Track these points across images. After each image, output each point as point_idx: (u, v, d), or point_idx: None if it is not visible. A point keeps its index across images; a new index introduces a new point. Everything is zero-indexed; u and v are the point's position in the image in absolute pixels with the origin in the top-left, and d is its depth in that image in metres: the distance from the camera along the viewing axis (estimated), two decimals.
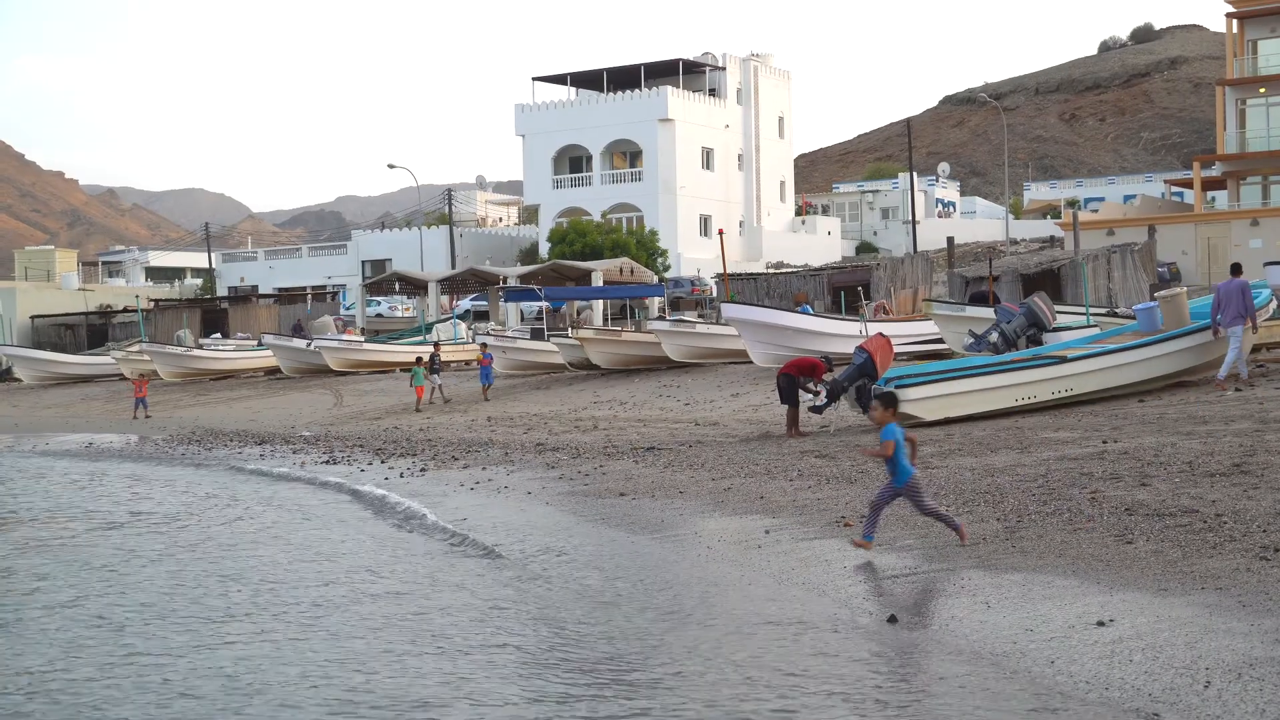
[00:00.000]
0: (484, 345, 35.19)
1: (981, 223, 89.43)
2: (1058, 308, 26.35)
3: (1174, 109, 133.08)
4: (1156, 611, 8.18)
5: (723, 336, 33.69)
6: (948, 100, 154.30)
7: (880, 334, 21.47)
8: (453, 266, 67.35)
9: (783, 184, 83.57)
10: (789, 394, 20.23)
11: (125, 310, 67.70)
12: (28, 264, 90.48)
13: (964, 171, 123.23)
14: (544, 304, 47.96)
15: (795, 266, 64.49)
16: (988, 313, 27.24)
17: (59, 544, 15.00)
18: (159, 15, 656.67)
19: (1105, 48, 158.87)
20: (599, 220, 69.72)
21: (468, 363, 44.20)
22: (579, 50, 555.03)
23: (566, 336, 36.56)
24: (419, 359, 33.76)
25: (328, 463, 22.53)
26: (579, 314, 52.89)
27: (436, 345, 36.61)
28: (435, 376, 33.30)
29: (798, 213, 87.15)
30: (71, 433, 33.85)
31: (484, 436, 24.83)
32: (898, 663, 8.08)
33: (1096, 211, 65.93)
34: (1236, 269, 20.62)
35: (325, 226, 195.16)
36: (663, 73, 76.37)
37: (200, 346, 49.98)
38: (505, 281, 51.55)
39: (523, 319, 52.88)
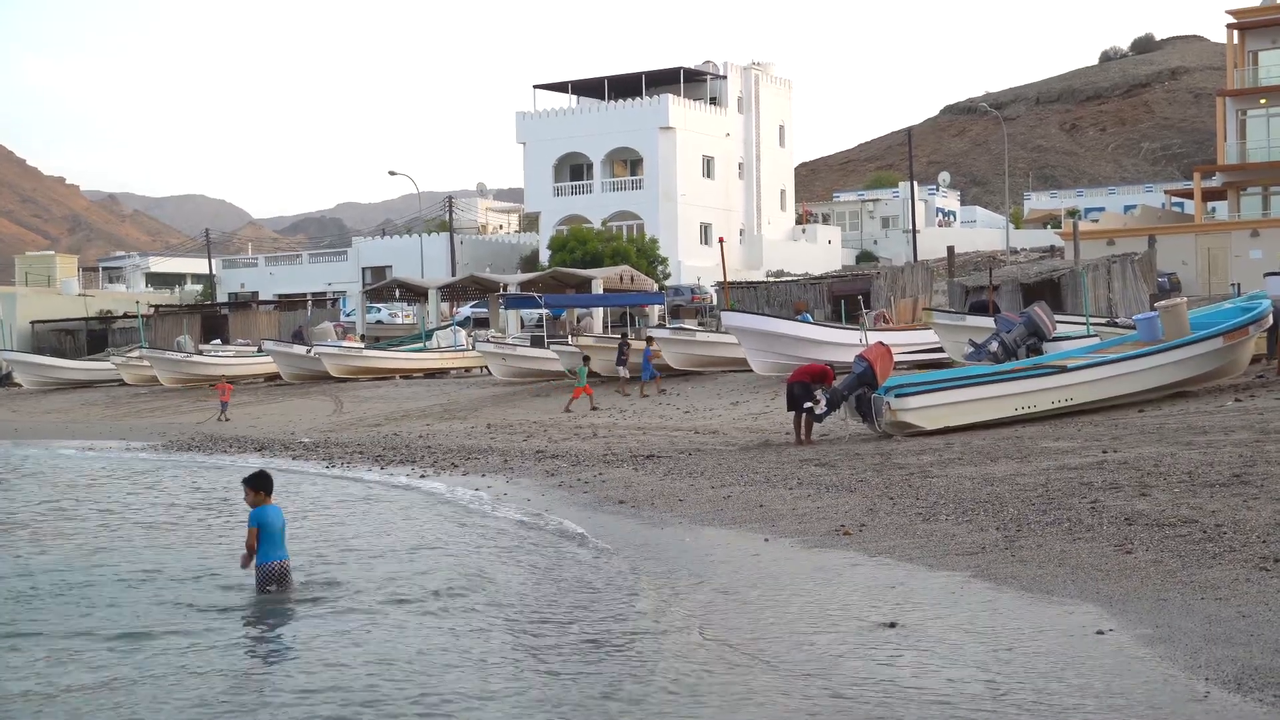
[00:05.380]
0: (650, 339, 34.22)
1: (982, 232, 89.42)
2: (1058, 317, 26.41)
3: (1174, 119, 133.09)
4: (1155, 621, 8.19)
5: (723, 345, 33.70)
6: (949, 110, 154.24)
7: (880, 343, 21.51)
8: (453, 273, 67.33)
9: (783, 192, 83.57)
10: (802, 402, 20.09)
11: (125, 316, 67.72)
12: (28, 269, 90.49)
13: (964, 181, 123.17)
14: (544, 311, 47.96)
15: (795, 275, 64.40)
16: (988, 322, 27.28)
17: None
18: (161, 21, 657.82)
19: (1106, 58, 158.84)
20: (599, 228, 69.67)
21: (467, 370, 44.25)
22: (580, 58, 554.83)
23: (566, 344, 36.54)
24: (586, 357, 32.77)
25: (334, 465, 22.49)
26: (579, 321, 52.83)
27: (624, 335, 35.05)
28: (621, 369, 32.71)
29: (798, 221, 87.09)
30: (71, 439, 33.84)
31: (483, 444, 24.83)
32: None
33: (1097, 221, 65.93)
34: None
35: (326, 233, 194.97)
36: (664, 81, 76.35)
37: (200, 352, 49.99)
38: (505, 289, 51.56)
39: (523, 326, 52.86)
